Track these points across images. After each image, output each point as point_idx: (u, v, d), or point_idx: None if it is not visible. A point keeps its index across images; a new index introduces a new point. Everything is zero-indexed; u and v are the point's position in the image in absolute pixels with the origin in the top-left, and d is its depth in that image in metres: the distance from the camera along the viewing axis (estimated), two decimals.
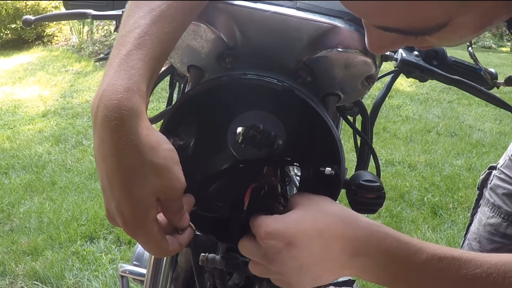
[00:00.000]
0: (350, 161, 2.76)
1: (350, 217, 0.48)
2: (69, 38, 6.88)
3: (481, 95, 0.75)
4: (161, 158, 0.41)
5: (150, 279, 0.75)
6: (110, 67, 0.41)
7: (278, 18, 0.49)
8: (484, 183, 1.01)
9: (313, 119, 0.49)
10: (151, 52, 0.42)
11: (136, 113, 0.40)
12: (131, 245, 2.21)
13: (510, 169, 0.93)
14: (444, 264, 0.44)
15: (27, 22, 0.81)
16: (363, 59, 0.51)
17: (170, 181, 0.42)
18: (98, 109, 0.40)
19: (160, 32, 0.42)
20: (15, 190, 2.72)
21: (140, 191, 0.40)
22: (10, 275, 2.00)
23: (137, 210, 0.41)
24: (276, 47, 0.51)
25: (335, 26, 0.49)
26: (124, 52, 0.41)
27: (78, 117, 3.96)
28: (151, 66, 0.42)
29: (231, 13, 0.49)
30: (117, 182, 0.40)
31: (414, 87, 5.17)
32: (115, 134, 0.39)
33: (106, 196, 0.42)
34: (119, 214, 0.42)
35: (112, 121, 0.39)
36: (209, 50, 0.52)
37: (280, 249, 0.46)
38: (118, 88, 0.40)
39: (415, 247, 0.45)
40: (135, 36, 0.41)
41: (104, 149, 0.40)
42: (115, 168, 0.40)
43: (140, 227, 0.42)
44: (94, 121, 0.41)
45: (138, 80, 0.41)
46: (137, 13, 0.43)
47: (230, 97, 0.49)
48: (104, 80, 0.41)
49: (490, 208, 0.96)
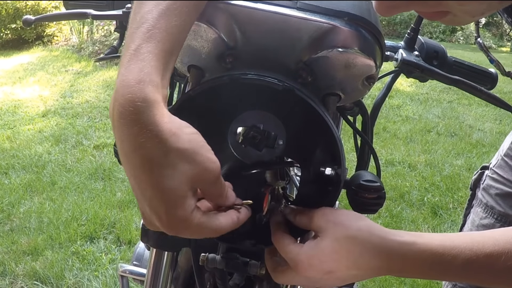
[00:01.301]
0: (350, 161, 2.76)
1: (381, 239, 0.49)
2: (69, 38, 6.88)
3: (481, 95, 0.75)
4: (186, 142, 0.38)
5: (150, 279, 0.75)
6: (121, 65, 0.40)
7: (278, 18, 0.49)
8: (476, 183, 1.01)
9: (313, 119, 0.49)
10: (161, 45, 0.40)
11: (151, 103, 0.37)
12: (131, 245, 2.22)
13: (503, 169, 0.93)
14: (480, 264, 0.47)
15: (27, 22, 0.81)
16: (364, 59, 0.51)
17: (201, 164, 0.39)
18: (114, 109, 0.38)
19: (169, 25, 0.41)
20: (15, 190, 2.72)
21: (170, 182, 0.37)
22: (10, 275, 2.00)
23: (172, 206, 0.38)
24: (277, 47, 0.51)
25: (335, 26, 0.49)
26: (133, 48, 0.40)
27: (78, 117, 3.96)
28: (162, 58, 0.40)
29: (232, 13, 0.49)
30: (144, 179, 0.37)
31: (414, 87, 5.17)
32: (133, 128, 0.37)
33: (138, 199, 0.39)
34: (155, 215, 0.39)
35: (128, 116, 0.37)
36: (209, 50, 0.52)
37: (320, 278, 0.49)
38: (130, 82, 0.38)
39: (450, 256, 0.48)
40: (143, 31, 0.40)
41: (125, 148, 0.38)
42: (139, 164, 0.37)
43: (182, 224, 0.39)
44: (112, 123, 0.39)
45: (150, 71, 0.39)
46: (143, 9, 0.42)
47: (231, 97, 0.49)
48: (117, 80, 0.39)
49: (483, 208, 0.96)
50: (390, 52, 0.78)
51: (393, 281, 2.03)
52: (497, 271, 0.48)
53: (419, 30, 0.79)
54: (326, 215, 0.51)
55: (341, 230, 0.49)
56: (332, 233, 0.49)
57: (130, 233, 2.30)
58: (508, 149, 0.93)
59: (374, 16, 0.52)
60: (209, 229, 0.41)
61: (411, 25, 0.80)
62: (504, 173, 0.92)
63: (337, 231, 0.49)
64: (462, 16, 0.36)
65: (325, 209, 0.52)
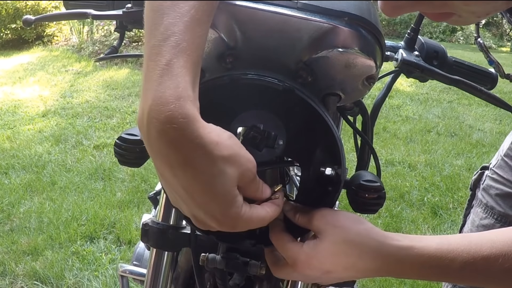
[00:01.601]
0: (350, 161, 2.76)
1: (379, 244, 0.49)
2: (69, 38, 6.89)
3: (481, 95, 0.75)
4: (228, 148, 0.41)
5: (150, 279, 0.75)
6: (150, 80, 0.40)
7: (278, 18, 0.49)
8: (476, 183, 1.01)
9: (313, 119, 0.49)
10: (191, 58, 0.41)
11: (192, 118, 0.39)
12: (131, 245, 2.22)
13: (503, 169, 0.93)
14: (477, 266, 0.48)
15: (27, 22, 0.81)
16: (364, 59, 0.51)
17: (243, 165, 0.42)
18: (151, 125, 0.39)
19: (195, 37, 0.41)
20: (15, 190, 2.72)
21: (222, 187, 0.41)
22: (10, 275, 2.00)
23: (226, 206, 0.42)
24: (277, 47, 0.51)
25: (335, 26, 0.49)
26: (163, 62, 0.40)
27: (78, 117, 3.96)
28: (193, 71, 0.41)
29: (232, 13, 0.49)
30: (198, 189, 0.40)
31: (414, 87, 5.17)
32: (179, 144, 0.39)
33: (188, 206, 0.42)
34: (211, 218, 0.42)
35: (171, 133, 0.38)
36: (209, 50, 0.52)
37: (318, 276, 0.50)
38: (168, 99, 0.38)
39: (447, 260, 0.48)
40: (172, 45, 0.40)
41: (171, 163, 0.39)
42: (191, 177, 0.40)
43: (236, 220, 0.43)
44: (147, 137, 0.40)
45: (185, 86, 0.40)
46: (165, 20, 0.41)
47: (231, 97, 0.49)
48: (148, 94, 0.39)
49: (483, 209, 0.96)
50: (390, 52, 0.78)
51: (393, 281, 2.03)
52: (494, 273, 0.48)
53: (419, 30, 0.79)
54: (325, 217, 0.51)
55: (340, 233, 0.50)
56: (331, 235, 0.50)
57: (130, 233, 2.30)
58: (508, 149, 0.93)
59: (374, 16, 0.52)
60: (258, 219, 0.45)
61: (411, 25, 0.80)
62: (504, 173, 0.92)
63: (336, 234, 0.50)
64: (467, 16, 0.36)
65: (325, 211, 0.52)
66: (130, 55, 1.40)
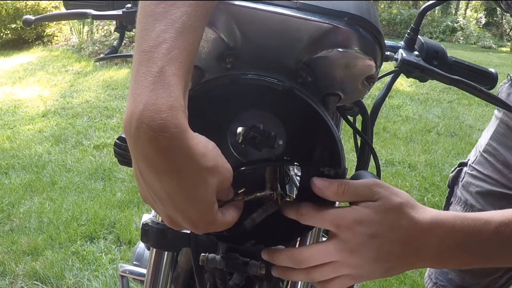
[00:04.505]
0: (350, 161, 2.76)
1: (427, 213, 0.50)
2: (69, 38, 6.89)
3: (481, 95, 0.74)
4: (212, 159, 0.42)
5: (150, 279, 0.75)
6: (141, 85, 0.40)
7: (278, 18, 0.49)
8: (454, 180, 1.00)
9: (313, 119, 0.49)
10: (183, 66, 0.41)
11: (183, 128, 0.39)
12: (131, 245, 2.22)
13: (482, 165, 0.91)
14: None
15: (27, 22, 0.81)
16: (364, 59, 0.51)
17: (223, 175, 0.44)
18: (140, 130, 0.39)
19: (187, 44, 0.41)
20: (15, 190, 2.72)
21: (204, 195, 0.43)
22: (10, 275, 2.01)
23: (204, 212, 0.44)
24: (277, 47, 0.51)
25: (335, 26, 0.49)
26: (156, 69, 0.40)
27: (78, 117, 3.96)
28: (184, 79, 0.41)
29: (231, 13, 0.49)
30: (181, 196, 0.42)
31: (414, 87, 5.17)
32: (168, 152, 0.39)
33: (165, 208, 0.44)
34: (187, 221, 0.44)
35: (161, 141, 0.39)
36: (209, 50, 0.52)
37: (365, 240, 0.49)
38: (161, 107, 0.39)
39: (483, 220, 0.49)
40: (164, 52, 0.40)
41: (157, 168, 0.40)
42: (176, 184, 0.41)
43: (210, 224, 0.45)
44: (135, 141, 0.40)
45: (178, 95, 0.40)
46: (157, 26, 0.41)
47: (230, 97, 0.49)
48: (138, 99, 0.39)
49: (462, 206, 0.95)
50: (390, 52, 0.78)
51: (393, 281, 2.03)
52: None
53: (419, 30, 0.79)
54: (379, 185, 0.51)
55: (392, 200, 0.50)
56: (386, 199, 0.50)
57: (130, 233, 2.30)
58: (487, 145, 0.92)
59: (374, 16, 0.52)
60: (227, 223, 0.48)
61: (411, 25, 0.80)
62: (484, 170, 0.91)
63: (390, 200, 0.50)
64: None
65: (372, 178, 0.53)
66: (130, 55, 1.40)
